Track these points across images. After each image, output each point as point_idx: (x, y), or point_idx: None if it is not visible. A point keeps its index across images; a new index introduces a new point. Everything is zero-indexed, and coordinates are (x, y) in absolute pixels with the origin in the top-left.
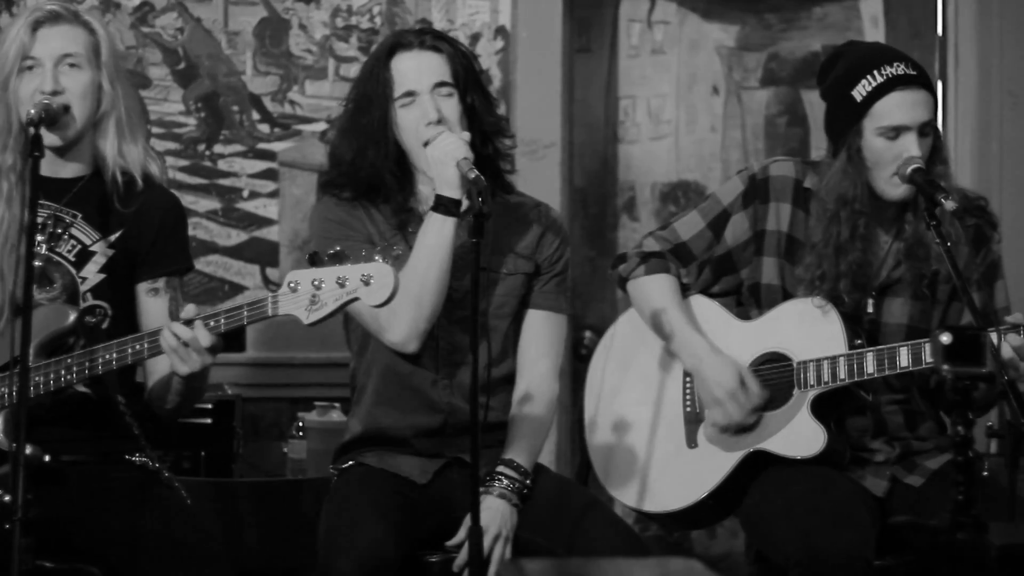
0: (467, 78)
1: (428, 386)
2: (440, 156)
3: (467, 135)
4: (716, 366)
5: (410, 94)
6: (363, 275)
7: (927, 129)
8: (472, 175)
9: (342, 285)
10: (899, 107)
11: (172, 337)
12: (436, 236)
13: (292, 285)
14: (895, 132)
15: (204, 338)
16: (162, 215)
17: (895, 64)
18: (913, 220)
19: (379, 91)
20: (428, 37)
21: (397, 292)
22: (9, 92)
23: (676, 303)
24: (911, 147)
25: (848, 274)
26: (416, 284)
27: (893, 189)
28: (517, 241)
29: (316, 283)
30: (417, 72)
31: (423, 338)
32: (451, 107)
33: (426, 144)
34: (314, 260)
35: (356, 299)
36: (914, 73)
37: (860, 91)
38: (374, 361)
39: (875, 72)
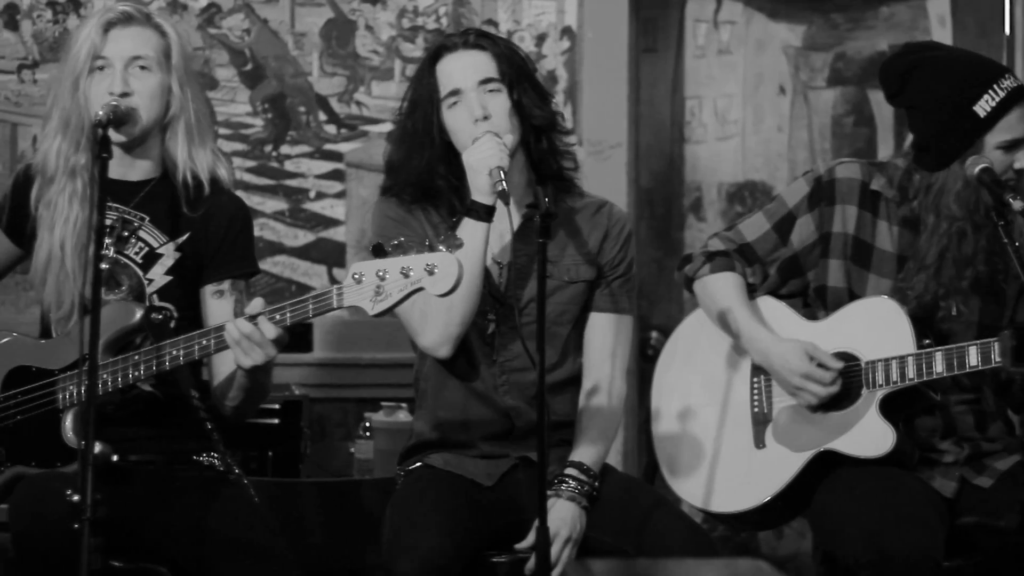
0: (515, 74)
1: (491, 391)
2: (473, 163)
3: (510, 138)
4: (783, 355)
5: (455, 93)
6: (427, 264)
7: None
8: (499, 188)
9: (406, 275)
10: (1020, 121)
11: (235, 330)
12: (469, 240)
13: (356, 276)
14: (1012, 145)
15: (269, 330)
16: (229, 219)
17: (1007, 76)
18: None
19: (424, 95)
20: (472, 36)
21: (462, 282)
22: (80, 92)
23: (742, 301)
24: (1022, 158)
25: (973, 288)
26: None
27: None
28: (579, 247)
29: (380, 274)
30: (462, 71)
31: (455, 343)
32: (498, 104)
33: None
34: (378, 251)
35: (421, 289)
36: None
37: (984, 106)
38: (436, 364)
39: (995, 87)
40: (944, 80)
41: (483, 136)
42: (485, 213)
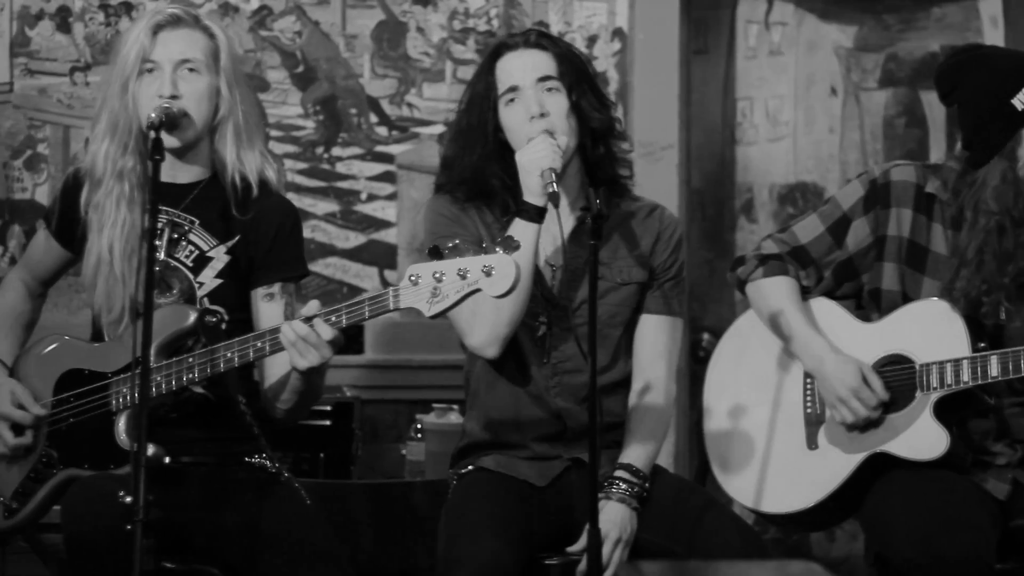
0: (575, 76)
1: (543, 392)
2: (525, 163)
3: (564, 139)
4: (837, 365)
5: (513, 89)
6: (484, 266)
7: None
8: (550, 189)
9: (463, 277)
10: None
11: (291, 332)
12: (519, 241)
13: (413, 278)
14: None
15: (324, 332)
16: (279, 222)
17: None
18: None
19: (482, 93)
20: (533, 35)
21: (519, 283)
22: (128, 95)
23: (795, 305)
24: None
25: (1012, 285)
26: None
27: None
28: (631, 249)
29: (437, 276)
30: (521, 68)
31: (503, 343)
32: (556, 103)
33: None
34: (434, 253)
35: (478, 290)
36: None
37: (1022, 99)
38: (487, 365)
39: None
40: (986, 75)
41: (537, 137)
42: (536, 214)
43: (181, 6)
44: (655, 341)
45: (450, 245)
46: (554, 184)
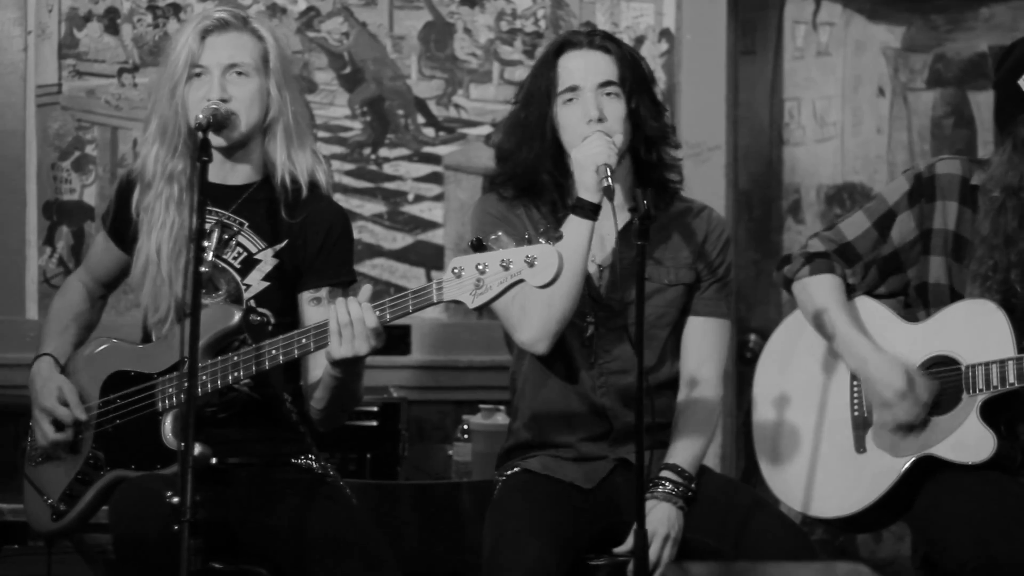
0: (634, 81)
1: (589, 392)
2: (581, 159)
3: (620, 138)
4: (882, 367)
5: (573, 89)
6: (527, 257)
7: None
8: (605, 183)
9: (506, 268)
10: None
11: (344, 312)
12: (573, 237)
13: (456, 271)
14: None
15: (370, 319)
16: (328, 227)
17: None
18: None
19: (543, 88)
20: (598, 37)
21: (562, 273)
22: (177, 98)
23: (840, 304)
24: None
25: (1019, 264)
26: None
27: None
28: (678, 251)
29: (480, 267)
30: (584, 69)
31: (553, 339)
32: (614, 108)
33: None
34: (477, 246)
35: (521, 280)
36: None
37: None
38: (534, 364)
39: None
40: (1011, 59)
41: (592, 134)
42: (591, 210)
43: (229, 9)
44: (703, 343)
45: (493, 237)
46: (609, 179)
